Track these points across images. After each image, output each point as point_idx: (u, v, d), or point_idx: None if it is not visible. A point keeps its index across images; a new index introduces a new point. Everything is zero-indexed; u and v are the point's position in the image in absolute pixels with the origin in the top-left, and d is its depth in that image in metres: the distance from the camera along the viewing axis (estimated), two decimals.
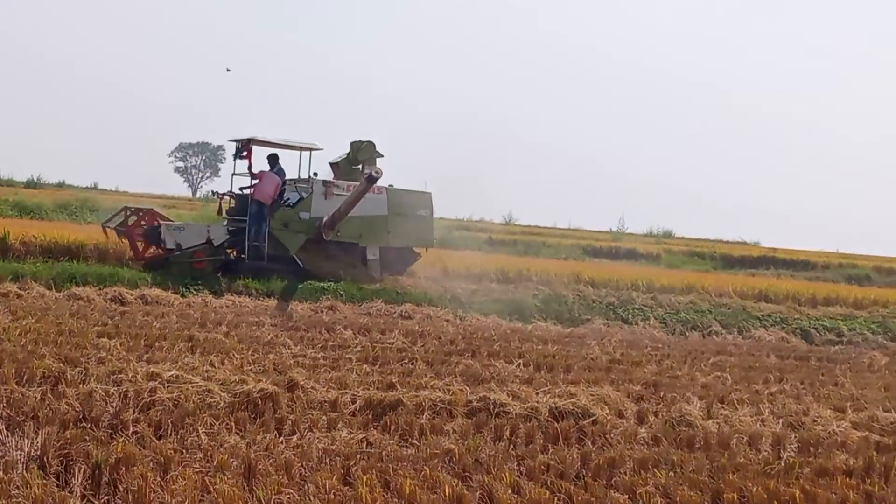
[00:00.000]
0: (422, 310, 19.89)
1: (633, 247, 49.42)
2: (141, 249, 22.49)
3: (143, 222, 22.94)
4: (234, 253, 23.18)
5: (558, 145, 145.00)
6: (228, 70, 73.40)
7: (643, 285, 26.33)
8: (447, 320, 19.32)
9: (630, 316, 22.26)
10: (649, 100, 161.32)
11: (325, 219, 22.62)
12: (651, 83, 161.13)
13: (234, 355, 12.45)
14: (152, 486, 6.60)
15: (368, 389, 10.73)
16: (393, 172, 25.02)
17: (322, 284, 21.22)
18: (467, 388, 11.27)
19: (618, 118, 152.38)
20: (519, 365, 13.85)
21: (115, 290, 18.21)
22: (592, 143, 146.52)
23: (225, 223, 23.02)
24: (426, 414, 9.95)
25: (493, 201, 75.61)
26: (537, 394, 11.31)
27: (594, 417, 10.36)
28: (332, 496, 6.79)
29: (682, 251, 51.74)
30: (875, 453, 9.46)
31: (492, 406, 10.42)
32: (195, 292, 19.47)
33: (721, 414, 11.34)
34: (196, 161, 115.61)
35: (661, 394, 12.39)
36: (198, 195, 79.68)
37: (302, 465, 7.57)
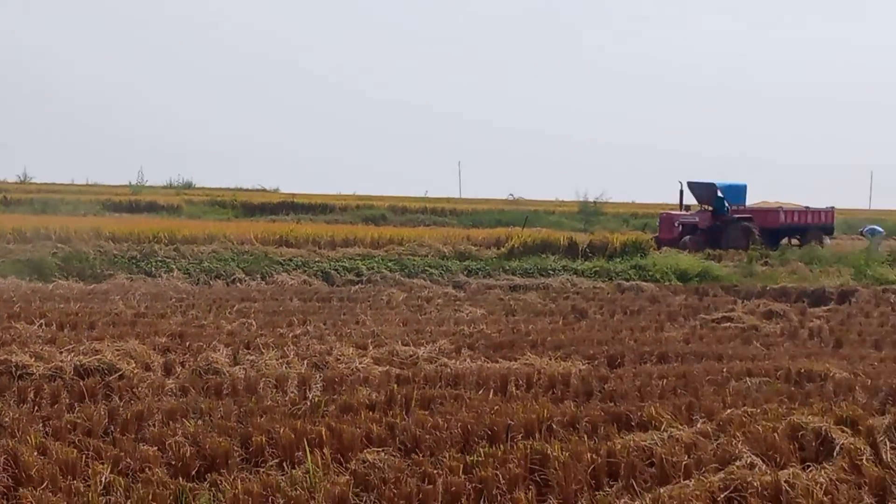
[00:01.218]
0: None
1: (154, 199, 48.77)
2: None
3: None
4: None
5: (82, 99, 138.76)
6: None
7: (165, 237, 26.10)
8: None
9: (153, 269, 21.75)
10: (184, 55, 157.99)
11: None
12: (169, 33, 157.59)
13: None
14: None
15: None
16: None
17: None
18: None
19: (135, 72, 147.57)
20: (41, 325, 13.38)
21: None
22: (108, 95, 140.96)
23: None
24: None
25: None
26: (61, 353, 10.96)
27: (121, 372, 10.28)
28: None
29: (203, 201, 51.77)
30: (396, 386, 9.94)
31: (14, 369, 10.07)
32: None
33: (247, 359, 11.46)
34: None
35: (188, 344, 12.29)
36: None
37: None
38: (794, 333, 14.94)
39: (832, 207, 38.71)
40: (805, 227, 37.35)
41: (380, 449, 7.48)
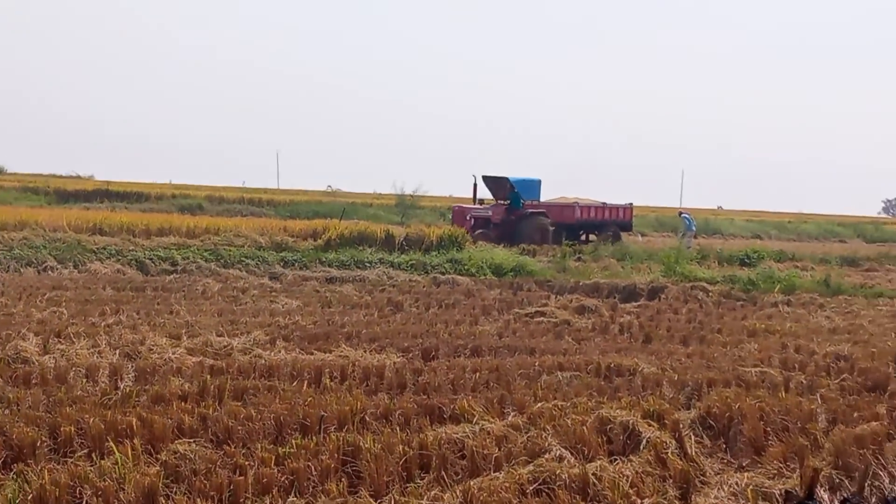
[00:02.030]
0: None
1: None
2: None
3: None
4: None
5: None
6: None
7: None
8: None
9: None
10: None
11: None
12: None
13: None
14: None
15: None
16: None
17: None
18: None
19: None
20: None
21: None
22: None
23: None
24: None
25: None
26: None
27: None
28: None
29: (14, 187, 49.86)
30: (209, 377, 9.84)
31: None
32: None
33: (58, 349, 11.16)
34: None
35: None
36: None
37: None
38: (605, 328, 15.33)
39: (631, 204, 39.54)
40: (602, 223, 38.05)
41: (191, 440, 7.40)
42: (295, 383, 9.97)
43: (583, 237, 37.91)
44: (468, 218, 33.62)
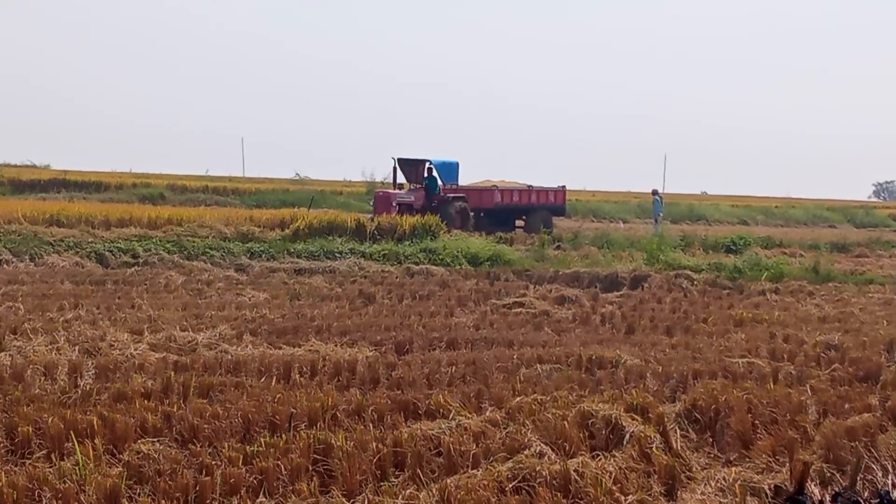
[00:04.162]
0: None
1: None
2: None
3: None
4: None
5: None
6: None
7: None
8: None
9: None
10: None
11: None
12: None
13: None
14: None
15: None
16: None
17: None
18: None
19: None
20: None
21: None
22: None
23: None
24: None
25: None
26: None
27: None
28: None
29: None
30: (173, 373, 9.80)
31: None
32: None
33: (14, 346, 11.09)
34: None
35: None
36: None
37: None
38: (587, 319, 15.34)
39: (563, 186, 39.16)
40: (529, 208, 37.57)
41: (155, 439, 7.37)
42: (263, 379, 9.95)
43: (510, 221, 37.34)
44: (394, 204, 33.06)
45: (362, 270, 21.61)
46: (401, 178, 35.93)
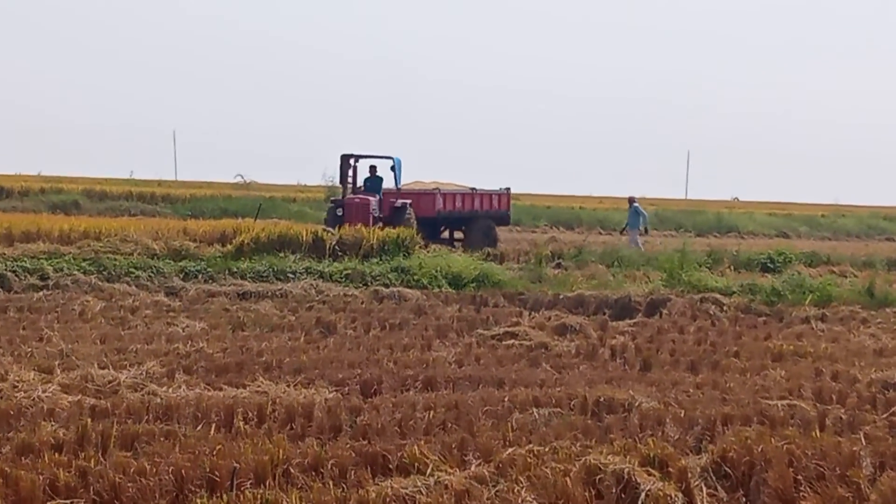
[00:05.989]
0: None
1: None
2: None
3: None
4: None
5: None
6: None
7: None
8: None
9: None
10: None
11: None
12: None
13: None
14: None
15: None
16: None
17: None
18: None
19: None
20: None
21: None
22: None
23: None
24: None
25: None
26: None
27: None
28: None
29: None
30: (90, 420, 9.75)
31: None
32: None
33: None
34: None
35: None
36: None
37: None
38: (593, 353, 15.32)
39: (508, 189, 38.32)
40: (471, 216, 36.02)
41: (68, 501, 7.36)
42: (200, 427, 9.94)
43: (444, 233, 36.50)
44: (373, 213, 31.75)
45: (320, 294, 21.54)
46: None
